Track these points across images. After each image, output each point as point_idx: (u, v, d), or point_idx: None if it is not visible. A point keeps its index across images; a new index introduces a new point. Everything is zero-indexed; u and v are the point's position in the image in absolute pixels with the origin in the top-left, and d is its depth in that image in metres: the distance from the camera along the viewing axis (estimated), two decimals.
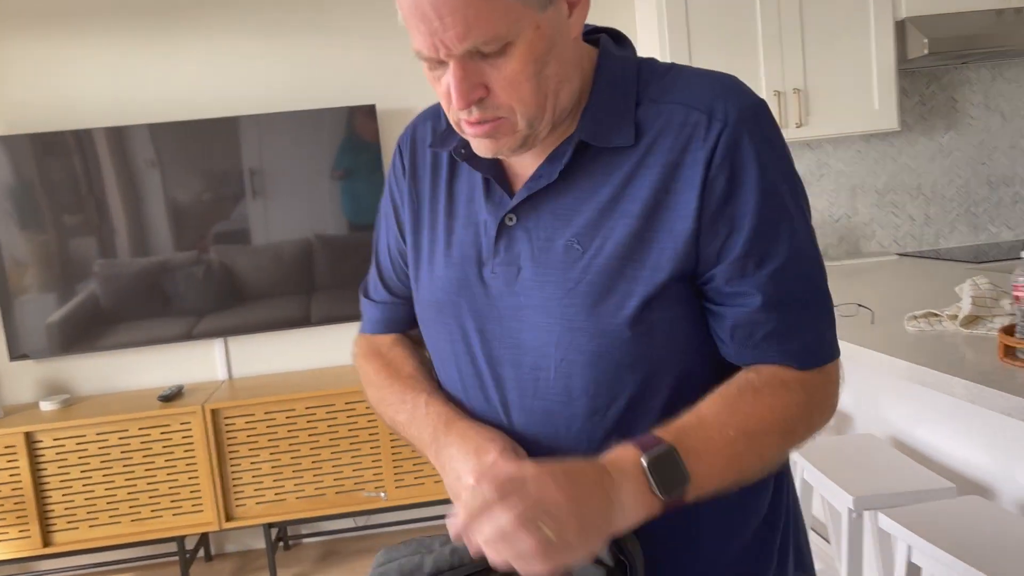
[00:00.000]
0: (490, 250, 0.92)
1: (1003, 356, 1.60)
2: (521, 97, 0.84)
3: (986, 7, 3.09)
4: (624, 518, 0.78)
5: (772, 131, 0.88)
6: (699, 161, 0.85)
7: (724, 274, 0.86)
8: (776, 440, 0.86)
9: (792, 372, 0.87)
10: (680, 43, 3.05)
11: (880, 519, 1.67)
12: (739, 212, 0.85)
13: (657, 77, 0.91)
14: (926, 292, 2.46)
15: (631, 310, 0.85)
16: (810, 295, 0.89)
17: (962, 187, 3.51)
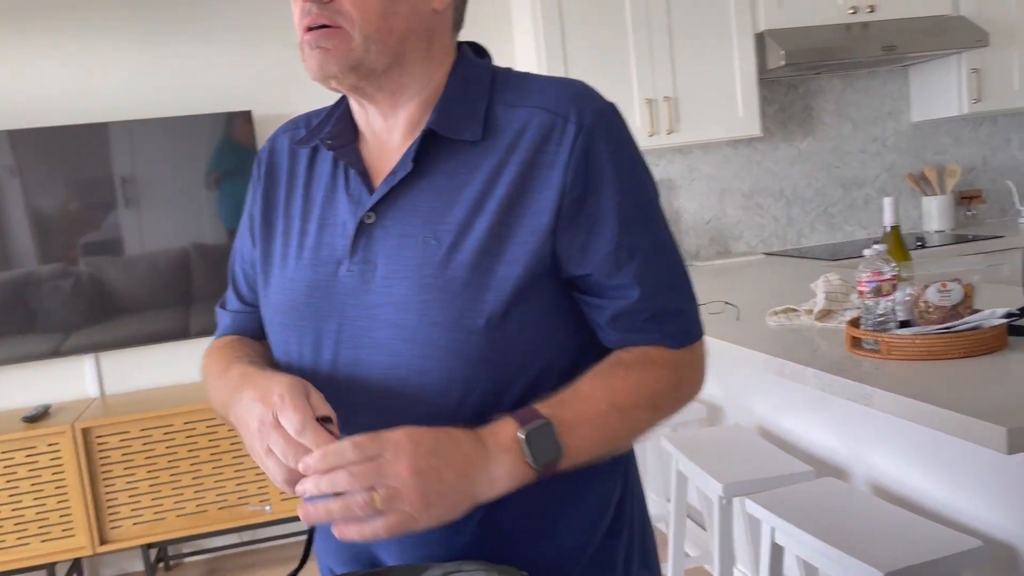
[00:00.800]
0: (347, 249, 0.93)
1: (850, 347, 1.74)
2: (365, 9, 0.87)
3: (836, 22, 3.33)
4: (492, 488, 0.82)
5: (623, 131, 0.94)
6: (556, 162, 0.89)
7: (602, 269, 0.90)
8: (646, 413, 0.92)
9: (660, 351, 0.93)
10: (556, 55, 3.13)
11: (747, 504, 1.78)
12: (601, 208, 0.90)
13: (513, 83, 0.95)
14: (788, 288, 2.62)
15: (488, 305, 0.87)
16: (676, 280, 0.96)
17: (819, 190, 3.76)
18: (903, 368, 1.57)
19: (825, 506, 1.70)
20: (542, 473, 0.84)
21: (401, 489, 0.77)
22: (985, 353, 1.59)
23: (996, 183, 3.88)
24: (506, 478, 0.82)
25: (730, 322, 2.19)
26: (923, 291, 1.70)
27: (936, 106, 3.64)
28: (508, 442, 0.83)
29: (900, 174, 3.81)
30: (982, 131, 3.86)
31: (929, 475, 1.72)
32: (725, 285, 2.86)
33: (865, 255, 1.76)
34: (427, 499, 0.78)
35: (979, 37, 3.33)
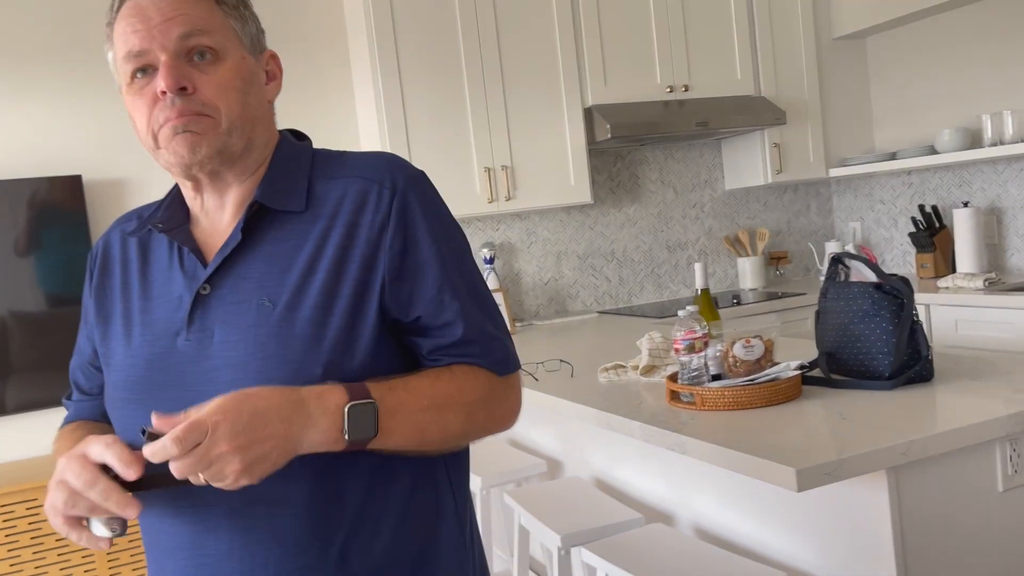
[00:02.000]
0: (184, 320, 0.99)
1: (670, 400, 1.89)
2: (228, 100, 0.97)
3: (656, 99, 3.63)
4: (309, 445, 0.89)
5: (433, 191, 1.06)
6: (375, 223, 0.99)
7: (428, 311, 1.00)
8: (460, 419, 1.00)
9: (483, 371, 1.03)
10: (398, 127, 3.23)
11: (583, 554, 1.88)
12: (422, 259, 1.00)
13: (331, 159, 1.07)
14: (619, 345, 2.80)
15: (324, 355, 0.95)
16: (493, 316, 1.06)
17: (647, 252, 4.03)
18: (715, 418, 1.73)
19: (653, 551, 1.82)
20: (350, 446, 0.91)
21: (224, 466, 0.84)
22: (783, 402, 1.78)
23: (799, 244, 4.31)
24: (319, 439, 0.90)
25: (565, 379, 2.31)
26: (731, 347, 1.88)
27: (745, 175, 4.02)
28: (332, 409, 0.90)
29: (717, 237, 4.15)
30: (785, 198, 4.28)
31: (743, 515, 1.88)
32: (562, 343, 3.01)
33: (679, 315, 1.94)
34: (249, 467, 0.85)
35: (778, 116, 3.73)
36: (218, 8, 0.99)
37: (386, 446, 0.94)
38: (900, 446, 1.43)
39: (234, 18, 1.01)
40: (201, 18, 0.97)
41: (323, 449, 0.90)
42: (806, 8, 3.92)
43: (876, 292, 1.83)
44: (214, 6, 0.99)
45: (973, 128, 3.57)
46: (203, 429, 0.83)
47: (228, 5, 1.01)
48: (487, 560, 1.23)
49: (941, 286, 3.35)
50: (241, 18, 1.02)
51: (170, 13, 0.95)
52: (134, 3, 0.96)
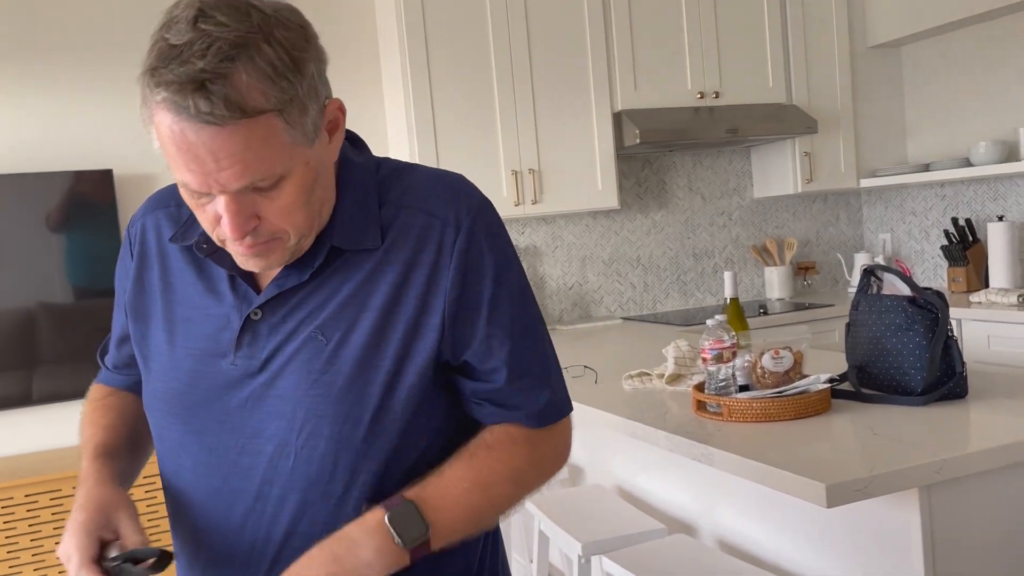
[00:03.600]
0: (232, 343, 0.95)
1: (696, 410, 1.87)
2: (294, 223, 0.90)
3: (686, 105, 3.61)
4: (371, 570, 0.88)
5: (497, 226, 1.01)
6: (438, 264, 0.95)
7: (476, 355, 0.97)
8: (508, 489, 0.98)
9: (523, 430, 0.99)
10: (426, 131, 3.23)
11: (604, 562, 1.86)
12: (477, 302, 0.96)
13: (395, 180, 1.00)
14: (643, 352, 2.77)
15: (373, 399, 0.93)
16: (543, 363, 1.02)
17: (673, 259, 4.00)
18: (742, 429, 1.71)
19: (674, 562, 1.80)
20: (415, 551, 0.90)
21: None
22: (812, 415, 1.75)
23: (828, 255, 4.25)
24: (379, 560, 0.89)
25: (589, 385, 2.29)
26: (759, 358, 1.86)
27: (775, 184, 3.98)
28: (375, 526, 0.89)
29: (745, 245, 4.11)
30: (815, 208, 4.23)
31: (767, 529, 1.85)
32: (586, 349, 2.99)
33: (708, 325, 1.91)
34: None
35: (809, 124, 3.69)
36: (279, 122, 0.83)
37: (447, 539, 0.94)
38: (934, 464, 1.40)
39: (297, 124, 0.85)
40: (261, 160, 0.83)
41: (391, 565, 0.90)
42: (840, 16, 3.88)
43: (910, 306, 1.80)
44: (274, 124, 0.83)
45: (1010, 141, 3.51)
46: None
47: (291, 113, 0.84)
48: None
49: (973, 301, 3.29)
50: (302, 111, 0.85)
51: (226, 163, 0.82)
52: (180, 130, 0.81)
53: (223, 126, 0.80)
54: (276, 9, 0.85)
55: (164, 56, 0.80)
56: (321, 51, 0.89)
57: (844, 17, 3.88)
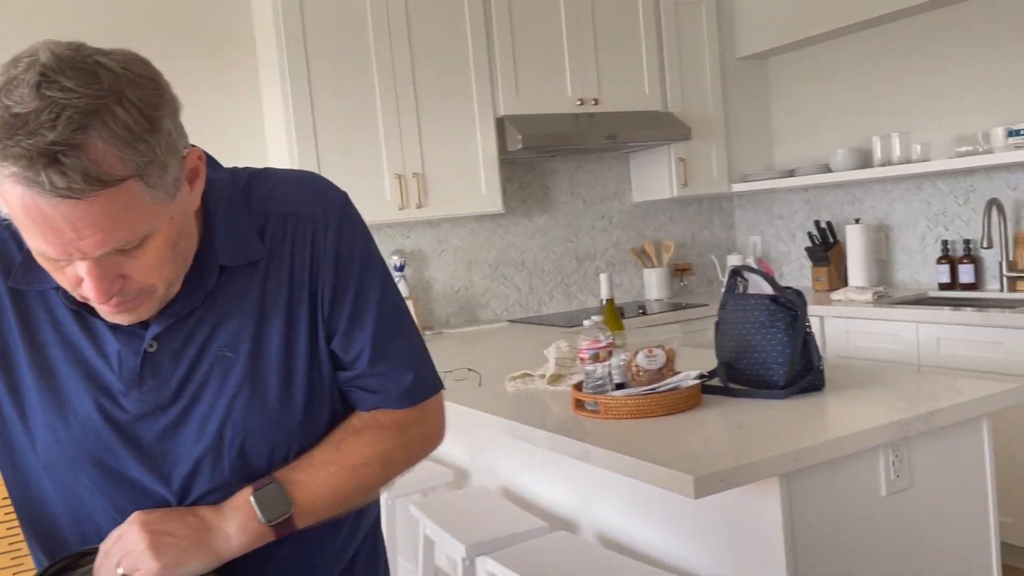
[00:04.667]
0: (132, 380, 0.94)
1: (575, 408, 1.92)
2: (162, 277, 0.88)
3: (566, 111, 3.68)
4: (230, 543, 0.93)
5: (359, 218, 1.05)
6: (314, 260, 0.99)
7: (341, 346, 1.01)
8: (376, 470, 1.03)
9: (390, 414, 1.04)
10: (307, 135, 3.18)
11: (487, 563, 1.87)
12: (346, 293, 1.00)
13: (255, 187, 1.01)
14: (528, 354, 2.81)
15: (300, 401, 0.98)
16: (404, 346, 1.06)
17: (557, 261, 4.08)
18: (618, 426, 1.76)
19: (556, 559, 1.84)
20: (278, 528, 0.94)
21: (136, 549, 0.89)
22: (684, 410, 1.83)
23: (703, 257, 4.43)
24: (241, 534, 0.94)
25: (473, 388, 2.31)
26: (634, 356, 1.92)
27: (652, 189, 4.12)
28: (239, 503, 0.94)
29: (625, 248, 4.24)
30: (690, 211, 4.41)
31: (645, 522, 1.92)
32: (472, 351, 3.01)
33: (584, 325, 1.96)
34: (160, 552, 0.89)
35: (683, 131, 3.84)
36: (139, 185, 0.80)
37: (313, 517, 0.98)
38: (791, 453, 1.49)
39: (158, 184, 0.82)
40: (123, 226, 0.79)
41: (252, 540, 0.94)
42: (711, 28, 4.05)
43: (772, 304, 1.90)
44: (135, 189, 0.79)
45: (865, 149, 3.76)
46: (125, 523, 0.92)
47: (151, 174, 0.81)
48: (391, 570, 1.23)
49: (834, 299, 3.51)
50: (162, 170, 0.82)
51: (87, 232, 0.78)
52: (34, 204, 0.76)
53: (81, 199, 0.76)
54: (125, 64, 0.80)
55: (9, 127, 0.74)
56: (174, 101, 0.86)
57: (715, 29, 4.06)
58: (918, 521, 1.70)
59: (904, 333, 3.12)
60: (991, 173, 3.38)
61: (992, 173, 3.37)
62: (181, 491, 0.96)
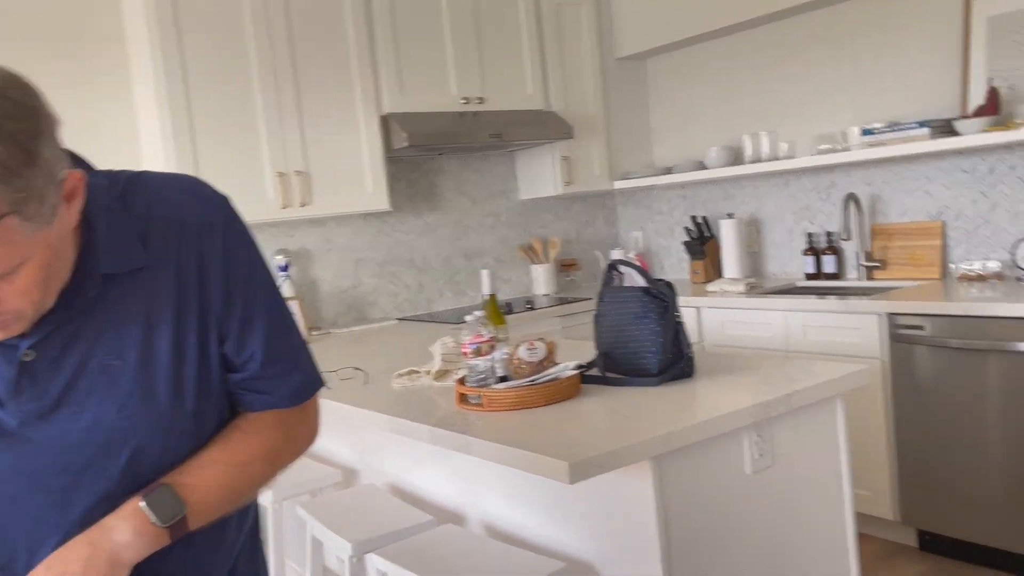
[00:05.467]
0: (10, 390, 0.92)
1: (459, 402, 1.95)
2: (33, 300, 0.87)
3: (451, 110, 3.71)
4: (132, 552, 0.93)
5: (241, 220, 1.05)
6: (201, 264, 0.98)
7: (233, 348, 1.02)
8: (263, 467, 1.06)
9: (273, 413, 1.07)
10: (183, 130, 3.08)
11: (374, 560, 1.88)
12: (235, 296, 1.01)
13: (133, 192, 0.98)
14: (417, 351, 2.83)
15: (190, 406, 0.98)
16: (291, 347, 1.08)
17: (446, 259, 4.10)
18: (500, 418, 1.80)
19: (442, 552, 1.87)
20: (173, 530, 0.95)
21: None
22: (564, 400, 1.89)
23: (588, 253, 4.55)
24: (138, 540, 0.93)
25: (359, 387, 2.31)
26: (516, 349, 1.97)
27: (538, 186, 4.20)
28: (128, 511, 0.94)
29: (512, 245, 4.30)
30: (575, 208, 4.51)
31: (528, 511, 1.97)
32: (360, 351, 2.99)
33: (467, 321, 2.00)
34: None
35: (566, 130, 3.93)
36: (15, 221, 0.79)
37: (206, 516, 1.00)
38: (662, 437, 1.56)
39: (35, 215, 0.81)
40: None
41: (149, 545, 0.94)
42: (591, 29, 4.16)
43: (645, 296, 1.98)
44: (10, 224, 0.79)
45: (736, 147, 3.95)
46: None
47: (28, 208, 0.80)
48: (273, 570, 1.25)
49: (710, 290, 3.67)
50: (40, 201, 0.81)
51: None
52: None
53: None
54: (1, 92, 0.79)
55: None
56: (52, 123, 0.84)
57: (595, 30, 4.18)
58: (781, 496, 1.82)
59: (773, 321, 3.30)
60: (849, 170, 3.61)
61: (850, 170, 3.61)
62: (63, 502, 0.95)
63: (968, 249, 3.27)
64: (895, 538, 3.13)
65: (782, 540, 1.82)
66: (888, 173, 3.48)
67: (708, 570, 1.69)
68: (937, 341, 2.79)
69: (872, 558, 3.01)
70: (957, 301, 2.75)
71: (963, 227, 3.27)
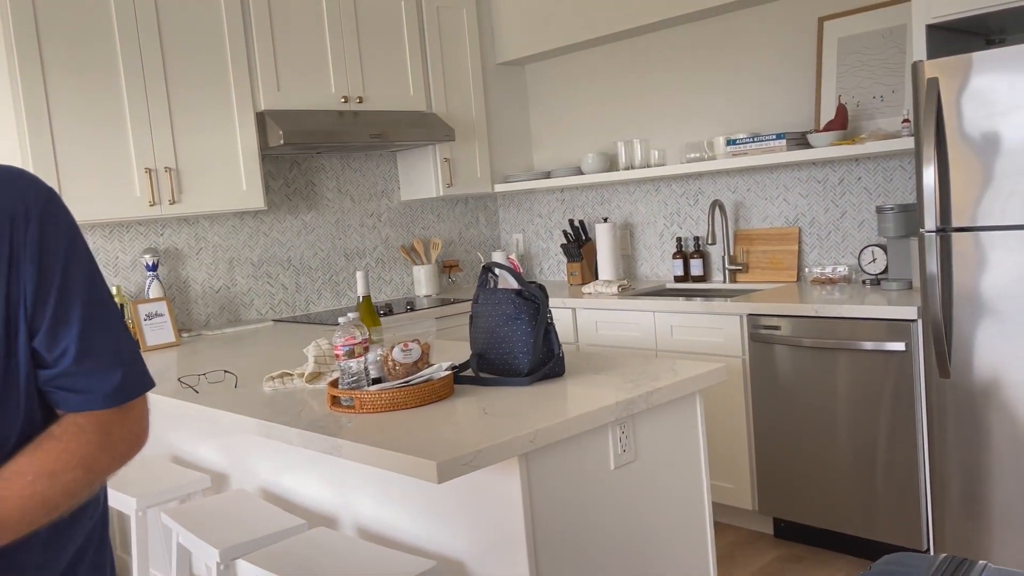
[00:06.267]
0: None
1: (331, 405, 1.94)
2: None
3: (330, 108, 3.67)
4: None
5: (64, 212, 1.02)
6: (12, 256, 0.95)
7: (43, 343, 0.98)
8: (79, 475, 1.00)
9: (90, 416, 1.02)
10: (40, 122, 2.93)
11: (242, 565, 1.85)
12: (48, 290, 0.98)
13: None
14: (291, 353, 2.79)
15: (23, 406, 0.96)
16: (111, 344, 1.04)
17: (324, 259, 4.05)
18: (373, 420, 1.81)
19: (312, 555, 1.86)
20: None
21: None
22: (437, 400, 1.91)
23: (470, 254, 4.59)
24: None
25: (228, 390, 2.26)
26: (390, 351, 1.98)
27: (420, 187, 4.21)
28: None
29: (394, 245, 4.29)
30: (457, 210, 4.55)
31: (399, 512, 1.98)
32: (232, 353, 2.92)
33: (340, 322, 1.99)
34: None
35: (447, 132, 3.95)
36: None
37: (15, 531, 0.94)
38: (529, 435, 1.61)
39: None
40: None
41: None
42: (472, 33, 4.20)
43: (518, 298, 2.03)
44: None
45: (611, 153, 4.08)
46: None
47: None
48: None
49: (585, 292, 3.78)
50: None
51: None
52: None
53: None
54: None
55: None
56: None
57: (476, 34, 4.22)
58: (644, 489, 1.90)
59: (644, 322, 3.43)
60: (715, 177, 3.80)
61: (716, 177, 3.80)
62: None
63: (821, 254, 3.50)
64: (753, 527, 3.32)
65: (645, 532, 1.91)
66: (750, 181, 3.69)
67: (573, 564, 1.75)
68: (792, 340, 2.98)
69: (731, 546, 3.18)
70: (810, 303, 2.94)
71: (816, 233, 3.50)
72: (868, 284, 3.22)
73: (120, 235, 3.41)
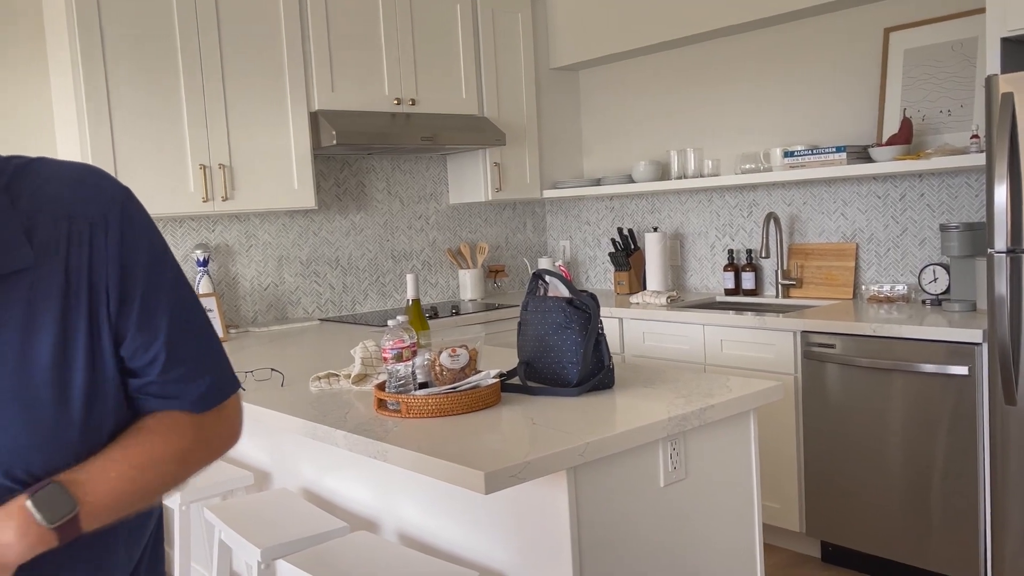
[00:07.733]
0: None
1: (377, 408, 1.92)
2: None
3: (383, 110, 3.67)
4: (14, 552, 0.87)
5: (144, 217, 0.98)
6: (93, 265, 0.91)
7: (131, 352, 0.95)
8: (171, 468, 0.99)
9: (185, 414, 1.00)
10: (100, 118, 2.97)
11: (283, 566, 1.84)
12: (133, 298, 0.94)
13: (19, 182, 0.91)
14: (338, 354, 2.78)
15: (77, 413, 0.91)
16: (198, 350, 1.01)
17: (372, 260, 4.05)
18: (419, 425, 1.79)
19: (353, 559, 1.84)
20: (62, 531, 0.89)
21: None
22: (484, 408, 1.88)
23: (516, 259, 4.56)
24: (21, 540, 0.87)
25: (275, 388, 2.26)
26: (438, 356, 1.96)
27: (468, 191, 4.19)
28: (15, 509, 0.88)
29: (441, 248, 4.28)
30: (504, 215, 4.52)
31: (443, 519, 1.95)
32: (279, 351, 2.93)
33: (389, 325, 1.97)
34: None
35: (498, 137, 3.93)
36: None
37: (102, 518, 0.93)
38: (579, 448, 1.57)
39: None
40: None
41: (34, 546, 0.88)
42: (527, 38, 4.18)
43: (568, 307, 1.99)
44: None
45: (663, 162, 4.02)
46: None
47: None
48: None
49: (632, 302, 3.73)
50: None
51: None
52: None
53: None
54: None
55: None
56: None
57: (530, 39, 4.20)
58: (693, 508, 1.85)
59: (693, 335, 3.36)
60: (770, 189, 3.72)
61: (771, 189, 3.71)
62: None
63: (879, 271, 3.40)
64: (800, 549, 3.23)
65: (692, 552, 1.85)
66: (807, 195, 3.60)
67: None
68: (846, 359, 2.89)
69: (775, 568, 3.10)
70: (867, 322, 2.85)
71: (875, 250, 3.41)
72: (928, 304, 3.11)
73: (173, 230, 3.45)
